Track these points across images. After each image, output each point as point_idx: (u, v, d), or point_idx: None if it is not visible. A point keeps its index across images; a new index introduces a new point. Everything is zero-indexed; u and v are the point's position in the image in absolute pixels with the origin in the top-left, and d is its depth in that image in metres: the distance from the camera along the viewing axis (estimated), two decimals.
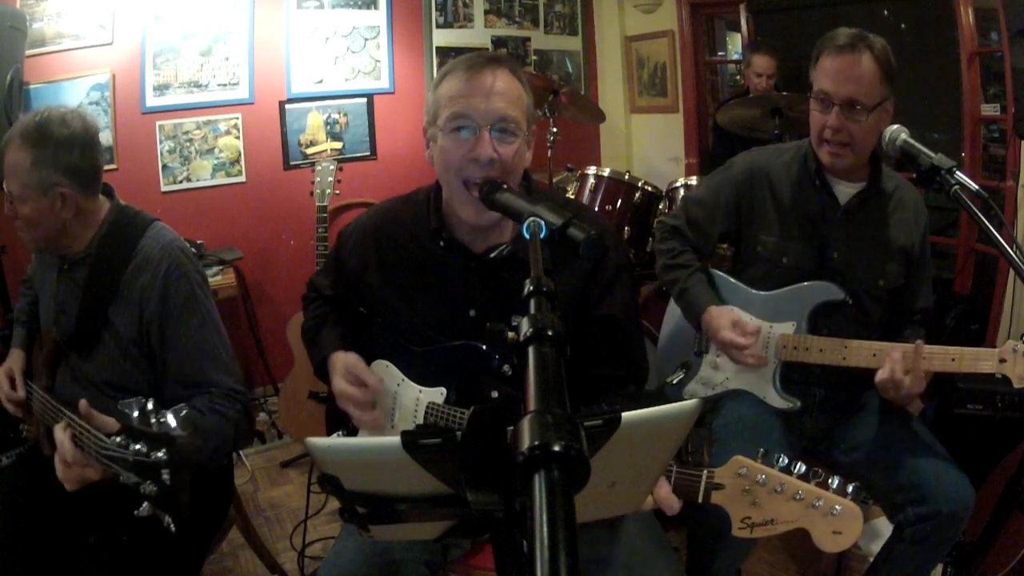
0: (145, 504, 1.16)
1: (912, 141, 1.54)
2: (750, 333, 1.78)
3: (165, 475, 1.14)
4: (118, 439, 1.17)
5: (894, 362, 1.59)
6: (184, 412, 1.22)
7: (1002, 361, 1.54)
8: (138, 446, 1.15)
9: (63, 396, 1.59)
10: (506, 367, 1.38)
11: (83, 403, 1.29)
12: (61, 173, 1.53)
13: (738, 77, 4.88)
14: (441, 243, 1.44)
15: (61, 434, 1.32)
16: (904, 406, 1.74)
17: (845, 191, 1.79)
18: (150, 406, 1.20)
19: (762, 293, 1.85)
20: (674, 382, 1.96)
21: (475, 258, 1.42)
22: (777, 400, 1.81)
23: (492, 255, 1.41)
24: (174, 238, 1.67)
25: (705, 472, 1.22)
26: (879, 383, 1.62)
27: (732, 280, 1.92)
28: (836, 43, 1.66)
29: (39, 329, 1.81)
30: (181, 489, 1.15)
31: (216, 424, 1.53)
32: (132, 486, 1.16)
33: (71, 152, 1.54)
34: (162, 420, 1.18)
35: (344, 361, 1.46)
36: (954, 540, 1.67)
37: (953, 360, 1.58)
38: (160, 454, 1.14)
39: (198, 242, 3.21)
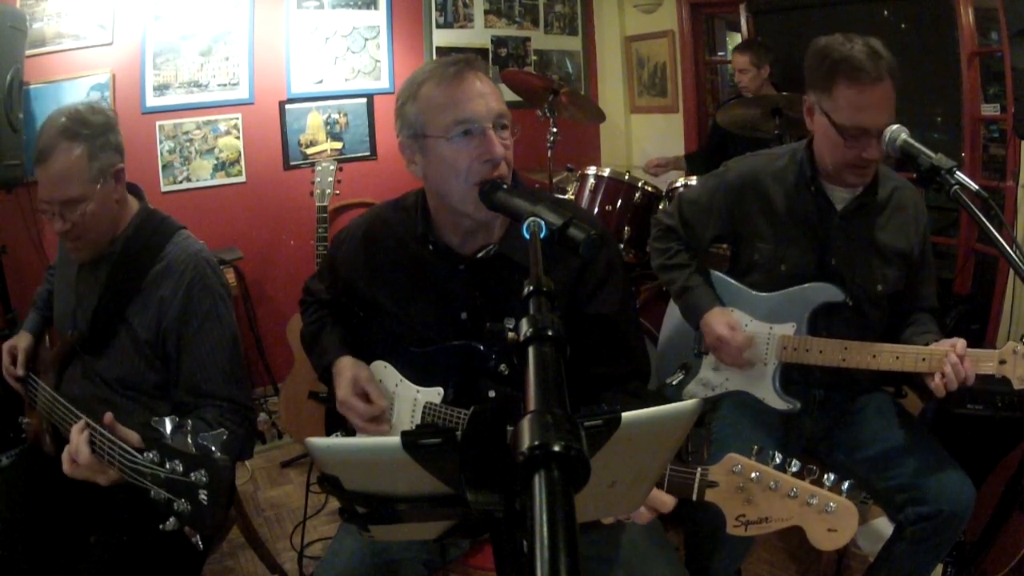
0: (172, 519, 1.15)
1: (912, 141, 1.54)
2: (742, 336, 1.77)
3: (203, 495, 1.13)
4: (151, 455, 1.17)
5: (949, 377, 1.54)
6: (225, 437, 1.21)
7: (1002, 362, 1.54)
8: (174, 464, 1.15)
9: (72, 392, 1.60)
10: (503, 367, 1.38)
11: (108, 416, 1.28)
12: (115, 153, 1.58)
13: None
14: (430, 247, 1.44)
15: (78, 436, 1.30)
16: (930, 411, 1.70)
17: (841, 196, 1.78)
18: (188, 425, 1.20)
19: (762, 295, 1.85)
20: (674, 383, 1.96)
21: (463, 260, 1.42)
22: (777, 401, 1.80)
23: (480, 255, 1.41)
24: (200, 248, 1.68)
25: (699, 470, 1.22)
26: (935, 386, 1.57)
27: (732, 282, 1.91)
28: (861, 74, 1.56)
29: (52, 320, 1.82)
30: (217, 509, 1.14)
31: (227, 450, 1.54)
32: (163, 502, 1.16)
33: (115, 131, 1.60)
34: (202, 441, 1.17)
35: (354, 372, 1.47)
36: (955, 540, 1.67)
37: None
38: (200, 474, 1.13)
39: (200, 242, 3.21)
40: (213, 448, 1.16)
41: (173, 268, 1.60)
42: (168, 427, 1.18)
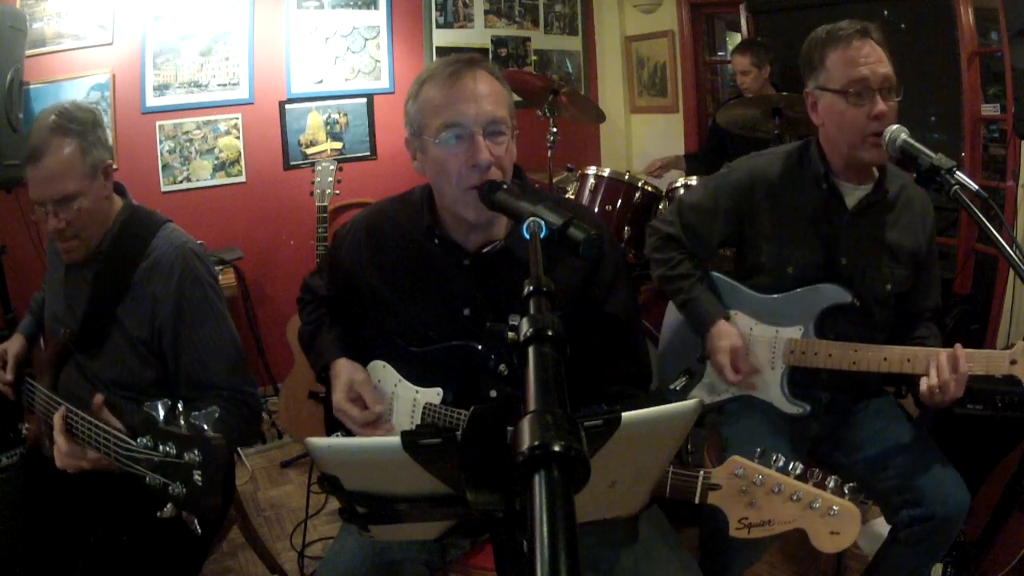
0: (169, 506, 1.14)
1: (912, 141, 1.53)
2: (743, 370, 1.75)
3: (197, 476, 1.12)
4: (145, 440, 1.17)
5: (939, 366, 1.54)
6: (217, 415, 1.21)
7: (1013, 363, 1.51)
8: (167, 447, 1.14)
9: (71, 393, 1.59)
10: (502, 367, 1.38)
11: (98, 399, 1.32)
12: (104, 148, 1.58)
13: None
14: (436, 241, 1.44)
15: (58, 421, 1.36)
16: (930, 414, 1.69)
17: (853, 193, 1.74)
18: (180, 408, 1.19)
19: (767, 297, 1.80)
20: (677, 388, 1.91)
21: (468, 255, 1.42)
22: (786, 405, 1.77)
23: (485, 250, 1.41)
24: (187, 240, 1.68)
25: (702, 473, 1.22)
26: (928, 389, 1.55)
27: (737, 285, 1.86)
28: (843, 35, 1.61)
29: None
30: (212, 490, 1.13)
31: (219, 429, 1.54)
32: (159, 487, 1.15)
33: (102, 129, 1.60)
34: (194, 421, 1.17)
35: (350, 375, 1.46)
36: (949, 543, 1.66)
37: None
38: (194, 455, 1.12)
39: (198, 242, 3.21)
40: (205, 426, 1.15)
41: (162, 263, 1.60)
42: (161, 412, 1.18)
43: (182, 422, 1.17)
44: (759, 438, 1.68)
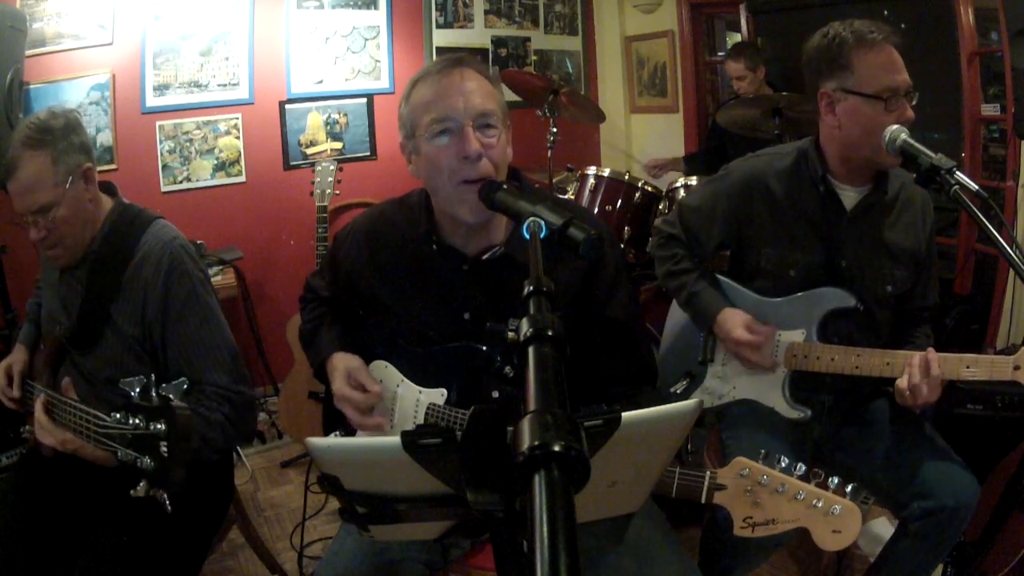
0: (142, 484, 1.16)
1: (912, 141, 1.53)
2: (763, 331, 1.73)
3: (163, 448, 1.13)
4: (118, 415, 1.19)
5: (912, 369, 1.55)
6: (185, 386, 1.23)
7: (1016, 368, 1.51)
8: (137, 420, 1.16)
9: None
10: (508, 368, 1.38)
11: (66, 381, 1.38)
12: (80, 153, 1.58)
13: None
14: (433, 246, 1.43)
15: (39, 404, 1.44)
16: (918, 412, 1.70)
17: (851, 196, 1.73)
18: (152, 379, 1.21)
19: (770, 300, 1.79)
20: (678, 391, 1.90)
21: (468, 260, 1.42)
22: (788, 410, 1.76)
23: (485, 257, 1.41)
24: (176, 235, 1.67)
25: (708, 473, 1.23)
26: (897, 390, 1.58)
27: (739, 287, 1.85)
28: (874, 38, 1.59)
29: None
30: (178, 463, 1.14)
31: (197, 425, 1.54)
32: (129, 463, 1.17)
33: (78, 132, 1.59)
34: (163, 393, 1.18)
35: (347, 364, 1.46)
36: (958, 536, 1.66)
37: (968, 367, 1.55)
38: (159, 425, 1.14)
39: (198, 242, 3.22)
40: (171, 396, 1.16)
41: (150, 259, 1.60)
42: (136, 388, 1.20)
43: (153, 394, 1.18)
44: (760, 442, 1.67)
